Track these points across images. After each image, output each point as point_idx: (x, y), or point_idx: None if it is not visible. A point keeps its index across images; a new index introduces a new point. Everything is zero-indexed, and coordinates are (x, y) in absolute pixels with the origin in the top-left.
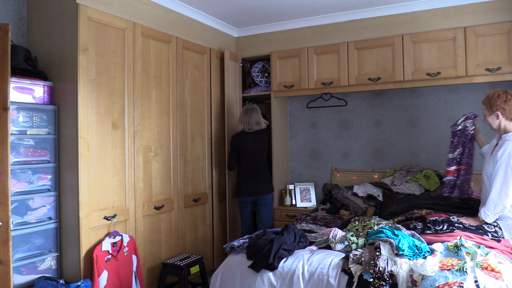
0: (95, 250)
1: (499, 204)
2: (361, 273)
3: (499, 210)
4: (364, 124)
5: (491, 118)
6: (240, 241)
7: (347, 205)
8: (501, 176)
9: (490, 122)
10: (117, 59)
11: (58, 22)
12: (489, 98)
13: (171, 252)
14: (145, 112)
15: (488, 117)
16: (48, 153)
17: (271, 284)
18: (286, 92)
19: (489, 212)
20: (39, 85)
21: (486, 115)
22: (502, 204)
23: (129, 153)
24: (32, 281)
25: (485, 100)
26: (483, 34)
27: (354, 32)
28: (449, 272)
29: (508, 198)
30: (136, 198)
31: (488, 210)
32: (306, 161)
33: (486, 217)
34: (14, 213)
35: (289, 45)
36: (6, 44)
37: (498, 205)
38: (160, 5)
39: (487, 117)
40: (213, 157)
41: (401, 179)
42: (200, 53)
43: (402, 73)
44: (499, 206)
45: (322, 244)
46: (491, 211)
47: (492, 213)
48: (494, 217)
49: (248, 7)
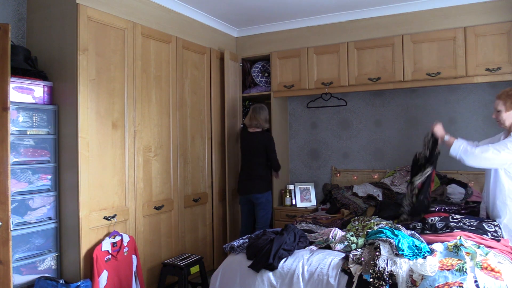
0: (95, 250)
1: (487, 151)
2: (361, 273)
3: (481, 155)
4: (364, 124)
5: (507, 114)
6: (240, 241)
7: (347, 205)
8: (503, 143)
9: (504, 119)
10: (117, 59)
11: (58, 22)
12: (509, 94)
13: (171, 252)
14: (145, 112)
15: (505, 113)
16: (48, 153)
17: (271, 284)
18: (286, 92)
19: (476, 151)
20: (39, 85)
21: (502, 110)
22: (488, 154)
23: (129, 153)
24: (32, 281)
25: (502, 95)
26: (483, 34)
27: (354, 32)
28: (449, 272)
29: (496, 154)
30: (136, 198)
31: (475, 151)
32: (306, 161)
33: (471, 153)
34: (14, 213)
35: (289, 45)
36: (6, 44)
37: (487, 152)
38: (160, 5)
39: (503, 113)
40: (213, 157)
41: (401, 179)
42: (200, 53)
43: (402, 73)
44: (486, 153)
45: (322, 244)
46: (477, 151)
47: (476, 153)
48: (475, 158)
49: (248, 7)
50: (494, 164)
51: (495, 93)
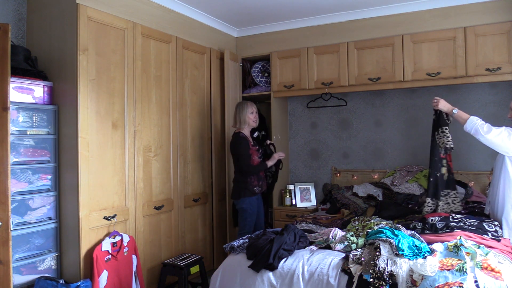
0: (95, 250)
1: (493, 132)
2: (361, 273)
3: (489, 133)
4: (364, 124)
5: None
6: (240, 241)
7: (347, 205)
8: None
9: None
10: (117, 59)
11: (58, 22)
12: None
13: (171, 252)
14: (145, 112)
15: None
16: (48, 153)
17: (271, 284)
18: (286, 92)
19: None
20: (39, 85)
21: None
22: (494, 135)
23: (129, 153)
24: (32, 281)
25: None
26: (483, 34)
27: (354, 32)
28: (449, 272)
29: (503, 138)
30: (136, 198)
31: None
32: (306, 161)
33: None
34: (14, 213)
35: (289, 45)
36: (6, 44)
37: (492, 132)
38: (160, 5)
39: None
40: (213, 157)
41: (401, 179)
42: (200, 53)
43: (402, 73)
44: (492, 133)
45: (322, 244)
46: (486, 129)
47: (485, 132)
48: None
49: (248, 7)
50: (502, 148)
51: (495, 93)
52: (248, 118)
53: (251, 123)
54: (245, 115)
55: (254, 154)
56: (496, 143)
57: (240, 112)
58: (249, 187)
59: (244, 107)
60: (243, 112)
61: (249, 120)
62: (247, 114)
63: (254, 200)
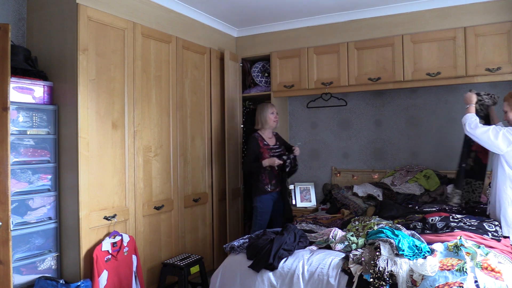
0: (95, 250)
1: (480, 129)
2: (361, 273)
3: (475, 130)
4: (364, 124)
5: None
6: (240, 241)
7: (347, 205)
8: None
9: (510, 119)
10: (117, 59)
11: (58, 22)
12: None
13: (171, 252)
14: (145, 112)
15: (510, 113)
16: (48, 153)
17: (271, 284)
18: (286, 92)
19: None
20: (39, 85)
21: (508, 111)
22: (479, 132)
23: (129, 153)
24: (32, 281)
25: (508, 97)
26: (483, 34)
27: (354, 32)
28: (449, 272)
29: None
30: (136, 198)
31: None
32: (306, 161)
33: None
34: (14, 213)
35: (289, 45)
36: (6, 44)
37: (478, 130)
38: (160, 5)
39: (509, 113)
40: (213, 157)
41: (401, 179)
42: (200, 53)
43: (402, 73)
44: (478, 130)
45: (322, 244)
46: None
47: (471, 128)
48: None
49: (248, 7)
50: (491, 146)
51: (495, 93)
52: (269, 118)
53: (272, 123)
54: (265, 116)
55: (265, 153)
56: (483, 140)
57: (260, 114)
58: (260, 185)
59: (264, 108)
60: (263, 113)
61: (270, 120)
62: (267, 114)
63: (266, 198)
